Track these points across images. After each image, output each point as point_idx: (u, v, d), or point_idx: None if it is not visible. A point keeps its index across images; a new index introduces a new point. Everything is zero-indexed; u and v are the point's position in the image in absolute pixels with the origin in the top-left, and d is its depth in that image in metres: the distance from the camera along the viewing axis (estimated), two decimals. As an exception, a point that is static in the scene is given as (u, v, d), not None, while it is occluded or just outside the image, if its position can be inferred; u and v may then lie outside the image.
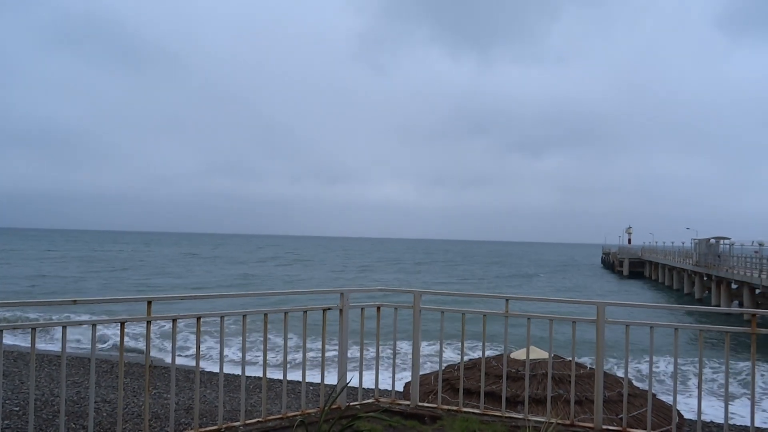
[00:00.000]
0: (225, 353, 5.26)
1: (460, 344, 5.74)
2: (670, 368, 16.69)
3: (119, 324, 4.49)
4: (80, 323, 4.54)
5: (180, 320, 4.75)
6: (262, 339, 5.12)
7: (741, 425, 11.45)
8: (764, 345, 6.43)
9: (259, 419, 5.10)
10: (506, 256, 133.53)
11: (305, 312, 5.36)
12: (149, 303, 4.55)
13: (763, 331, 4.97)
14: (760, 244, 40.86)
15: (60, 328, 4.32)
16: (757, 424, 4.91)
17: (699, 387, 4.93)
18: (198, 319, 4.82)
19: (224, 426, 4.89)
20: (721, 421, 4.86)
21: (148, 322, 4.55)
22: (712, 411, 10.47)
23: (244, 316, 5.06)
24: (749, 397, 4.92)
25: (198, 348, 4.78)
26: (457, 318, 5.61)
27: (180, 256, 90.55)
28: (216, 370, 13.77)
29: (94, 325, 4.39)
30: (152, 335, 4.72)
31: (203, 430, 4.81)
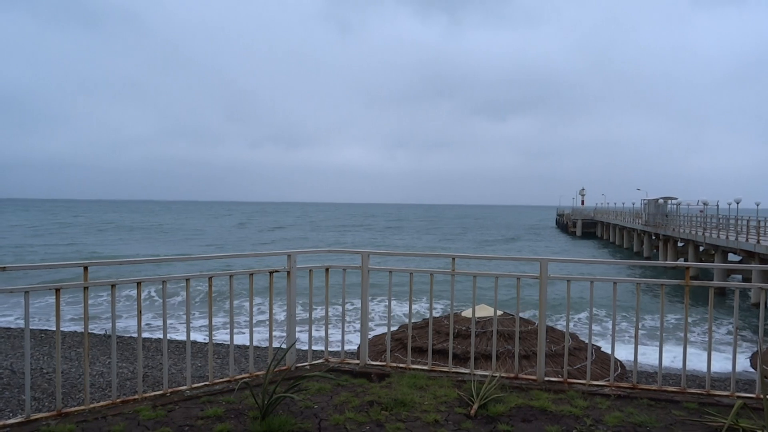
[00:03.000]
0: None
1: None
2: (621, 323, 17.37)
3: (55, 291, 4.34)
4: (11, 290, 4.35)
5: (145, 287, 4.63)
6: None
7: (676, 368, 12.14)
8: (699, 296, 6.71)
9: (206, 383, 5.06)
10: (473, 220, 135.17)
11: (251, 275, 5.29)
12: (86, 269, 4.40)
13: (695, 283, 5.18)
14: (705, 204, 42.47)
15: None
16: (689, 367, 5.16)
17: (636, 337, 5.12)
18: (138, 284, 4.70)
19: (170, 390, 4.83)
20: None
21: (85, 288, 4.41)
22: (651, 359, 10.98)
23: (188, 280, 4.96)
24: (701, 345, 5.15)
25: (139, 314, 4.68)
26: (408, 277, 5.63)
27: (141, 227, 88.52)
28: (169, 336, 13.67)
29: (27, 293, 4.23)
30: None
31: (149, 395, 4.75)
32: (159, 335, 16.00)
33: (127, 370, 12.79)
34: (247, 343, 5.99)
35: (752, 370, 10.36)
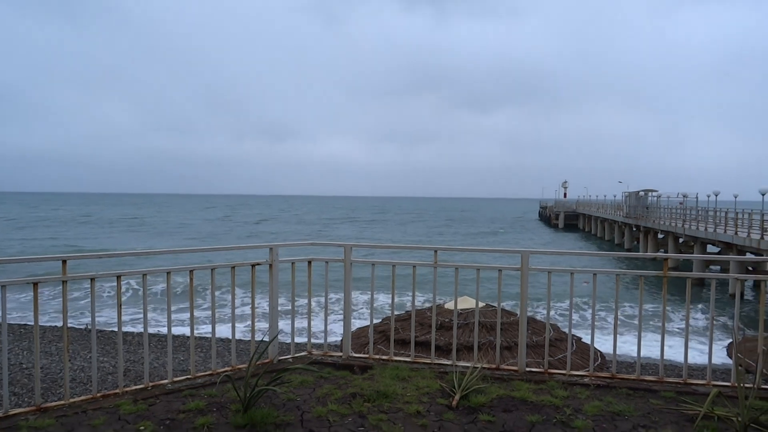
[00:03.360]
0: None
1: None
2: (600, 312, 17.62)
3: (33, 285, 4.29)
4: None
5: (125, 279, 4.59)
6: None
7: (654, 358, 12.33)
8: (679, 287, 6.82)
9: (188, 376, 5.04)
10: (458, 212, 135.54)
11: (233, 268, 5.27)
12: (64, 262, 4.35)
13: (673, 274, 5.26)
14: (684, 196, 43.08)
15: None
16: (667, 357, 5.25)
17: (615, 328, 5.20)
18: (118, 277, 4.65)
19: (151, 384, 4.80)
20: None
21: (64, 282, 4.36)
22: (631, 349, 11.14)
23: (169, 273, 4.92)
24: (679, 335, 5.23)
25: (119, 307, 4.63)
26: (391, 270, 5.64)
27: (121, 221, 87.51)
28: (151, 330, 13.56)
29: (3, 287, 4.16)
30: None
31: (130, 389, 4.72)
32: (140, 329, 15.88)
33: (108, 364, 12.68)
34: (230, 337, 5.97)
35: (729, 359, 10.57)
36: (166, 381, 4.88)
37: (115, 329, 16.03)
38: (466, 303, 8.40)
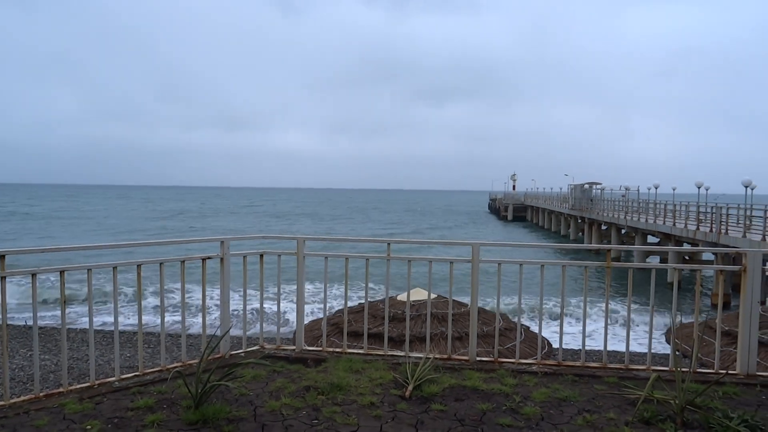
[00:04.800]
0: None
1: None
2: (547, 303, 18.11)
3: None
4: None
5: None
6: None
7: (598, 345, 12.78)
8: (622, 276, 7.08)
9: (136, 373, 4.92)
10: (413, 204, 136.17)
11: (183, 262, 5.16)
12: (2, 257, 4.16)
13: (616, 264, 5.48)
14: (627, 189, 44.70)
15: None
16: (610, 345, 5.47)
17: (561, 317, 5.36)
18: (62, 273, 4.49)
19: (97, 382, 4.67)
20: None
21: (2, 278, 4.17)
22: (576, 338, 11.54)
23: (115, 268, 4.78)
24: (623, 325, 5.44)
25: (63, 303, 4.48)
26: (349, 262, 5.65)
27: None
28: (96, 326, 13.03)
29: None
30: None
31: (74, 387, 4.57)
32: (83, 325, 15.35)
33: (50, 362, 12.23)
34: (180, 332, 5.86)
35: (667, 345, 11.07)
36: (113, 378, 4.75)
37: (56, 326, 15.46)
38: (419, 295, 8.50)
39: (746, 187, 29.83)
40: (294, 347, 5.74)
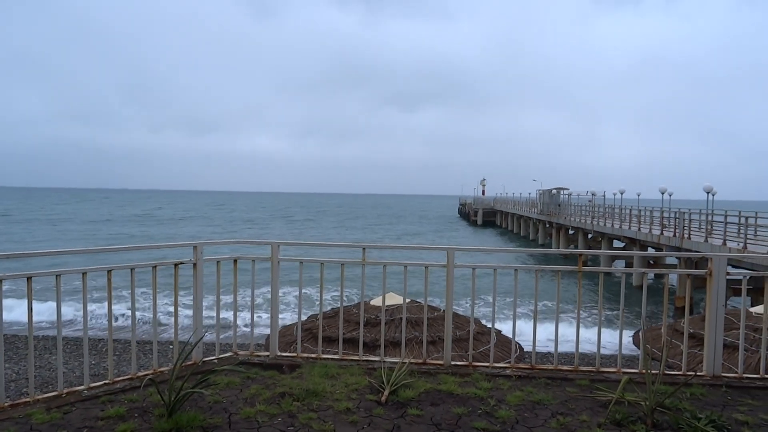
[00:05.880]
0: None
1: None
2: (521, 308, 18.25)
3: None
4: None
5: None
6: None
7: (570, 349, 12.99)
8: (592, 280, 7.21)
9: (106, 381, 4.81)
10: (384, 209, 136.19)
11: (154, 267, 5.07)
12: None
13: (587, 269, 5.58)
14: (593, 194, 45.55)
15: None
16: (582, 350, 5.56)
17: (534, 321, 5.43)
18: (29, 279, 4.36)
19: (66, 391, 4.55)
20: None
21: (-34, 285, 4.04)
22: (549, 341, 11.69)
23: (84, 273, 4.67)
24: (597, 327, 5.53)
25: (30, 311, 4.35)
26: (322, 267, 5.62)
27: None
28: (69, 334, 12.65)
29: None
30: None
31: (41, 397, 4.45)
32: (50, 333, 14.92)
33: (11, 371, 11.86)
34: (151, 339, 5.75)
35: (636, 348, 11.29)
36: (82, 387, 4.63)
37: (18, 333, 14.97)
38: (392, 299, 8.51)
39: (707, 193, 30.71)
40: (268, 353, 5.69)
